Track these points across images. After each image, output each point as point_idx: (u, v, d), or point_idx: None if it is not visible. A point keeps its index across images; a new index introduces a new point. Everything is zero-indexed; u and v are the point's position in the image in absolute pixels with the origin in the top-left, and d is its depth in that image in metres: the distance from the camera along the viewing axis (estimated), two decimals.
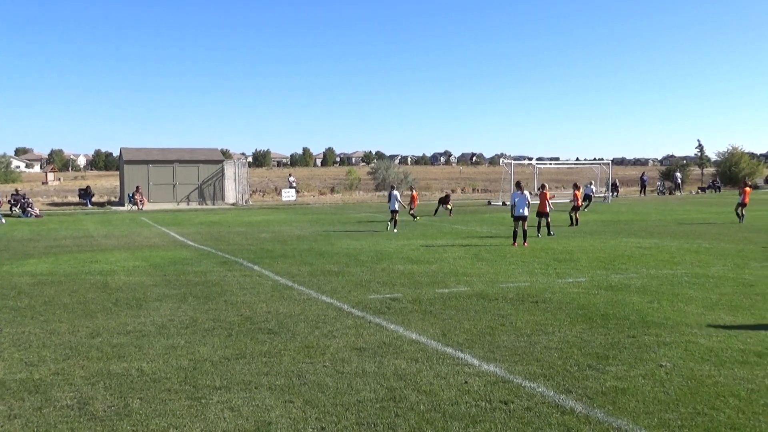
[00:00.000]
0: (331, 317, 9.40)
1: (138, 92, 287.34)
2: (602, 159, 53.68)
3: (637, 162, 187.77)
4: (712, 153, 74.96)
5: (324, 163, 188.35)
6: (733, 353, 7.43)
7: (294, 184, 50.19)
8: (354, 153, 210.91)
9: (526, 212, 17.95)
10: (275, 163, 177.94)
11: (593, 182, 41.95)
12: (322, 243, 18.80)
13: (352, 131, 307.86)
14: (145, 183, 40.68)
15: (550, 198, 21.03)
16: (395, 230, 22.44)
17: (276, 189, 54.21)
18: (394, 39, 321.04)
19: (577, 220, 24.62)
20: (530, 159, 54.35)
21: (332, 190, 55.75)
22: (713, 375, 6.68)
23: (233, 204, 42.26)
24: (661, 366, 6.98)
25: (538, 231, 20.30)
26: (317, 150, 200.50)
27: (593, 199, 37.04)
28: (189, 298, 10.85)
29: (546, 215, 20.34)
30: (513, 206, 18.23)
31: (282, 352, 7.63)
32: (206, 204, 41.77)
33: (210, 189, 42.46)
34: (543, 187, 20.96)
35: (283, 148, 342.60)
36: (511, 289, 11.48)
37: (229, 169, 43.92)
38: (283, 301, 10.54)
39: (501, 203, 40.37)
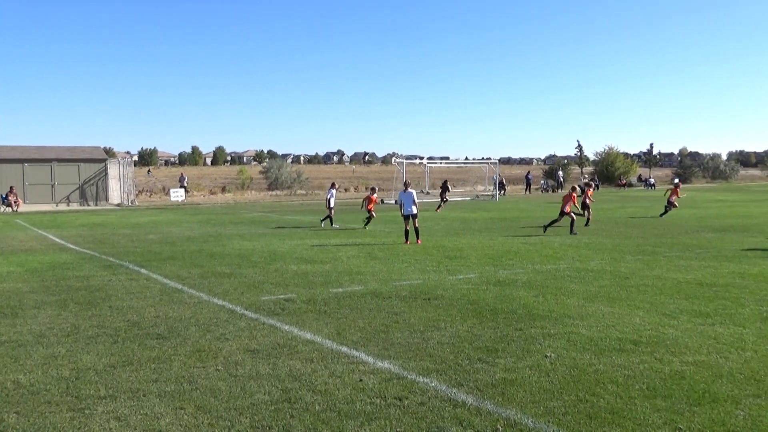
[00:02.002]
0: (224, 320, 9.20)
1: (13, 87, 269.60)
2: (490, 158, 55.50)
3: (522, 161, 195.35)
4: (590, 153, 79.13)
5: (214, 162, 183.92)
6: (612, 342, 7.88)
7: (185, 184, 48.74)
8: (245, 152, 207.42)
9: (414, 210, 18.28)
10: (162, 162, 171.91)
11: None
12: (213, 244, 18.36)
13: (244, 130, 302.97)
14: (20, 183, 38.27)
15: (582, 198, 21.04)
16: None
17: (164, 189, 52.41)
18: (284, 37, 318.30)
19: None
20: (421, 158, 55.41)
21: (223, 190, 54.51)
22: (594, 363, 7.05)
23: (118, 205, 40.49)
24: (546, 357, 7.30)
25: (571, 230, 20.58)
26: (207, 149, 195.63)
27: (480, 197, 38.28)
28: (70, 305, 10.30)
29: (567, 214, 20.83)
30: (401, 205, 18.57)
31: (172, 358, 7.39)
32: (88, 205, 39.79)
33: (92, 189, 40.49)
34: (573, 189, 21.66)
35: (171, 146, 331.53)
36: (404, 286, 11.65)
37: (113, 169, 42.06)
38: (173, 305, 10.21)
39: (394, 202, 40.88)
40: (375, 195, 24.08)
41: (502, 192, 49.66)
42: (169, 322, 9.10)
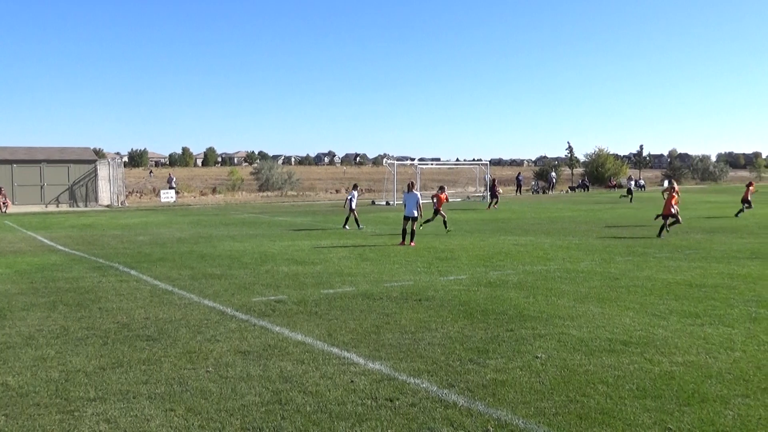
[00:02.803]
0: (214, 321, 9.17)
1: (2, 88, 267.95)
2: (481, 159, 55.60)
3: (513, 162, 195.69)
4: (581, 154, 79.45)
5: (205, 163, 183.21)
6: (602, 342, 7.91)
7: (174, 185, 48.55)
8: (236, 153, 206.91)
9: (415, 213, 18.17)
10: (153, 163, 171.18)
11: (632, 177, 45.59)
12: (204, 245, 18.31)
13: (234, 131, 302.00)
14: (9, 184, 38.01)
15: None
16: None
17: (154, 190, 52.21)
18: (275, 38, 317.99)
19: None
20: (412, 159, 55.39)
21: (214, 191, 54.37)
22: (584, 364, 7.08)
23: (108, 206, 40.30)
24: (537, 357, 7.32)
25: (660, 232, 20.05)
26: (197, 150, 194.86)
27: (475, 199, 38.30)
28: (59, 306, 10.24)
29: (669, 216, 20.00)
30: (404, 206, 18.47)
31: (162, 359, 7.36)
32: (78, 206, 39.59)
33: (82, 190, 40.29)
34: (673, 188, 20.74)
35: (161, 147, 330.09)
36: (396, 288, 11.65)
37: (103, 170, 41.87)
38: (163, 307, 10.17)
39: (385, 203, 40.89)
40: (444, 193, 22.90)
41: (495, 201, 47.42)
42: (160, 323, 9.07)
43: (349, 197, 23.93)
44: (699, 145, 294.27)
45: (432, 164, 57.66)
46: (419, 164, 49.63)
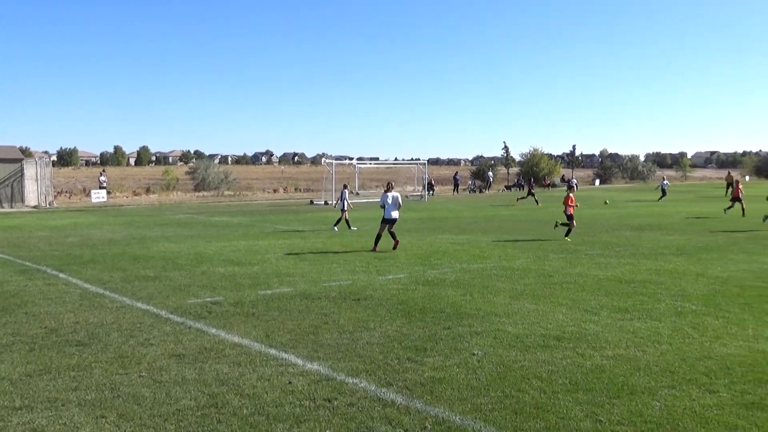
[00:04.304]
0: (148, 324, 8.95)
1: None
2: (419, 159, 56.02)
3: (450, 162, 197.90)
4: (516, 154, 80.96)
5: (138, 163, 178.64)
6: (536, 338, 8.09)
7: (105, 184, 47.15)
8: (171, 152, 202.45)
9: (396, 215, 17.10)
10: (83, 162, 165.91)
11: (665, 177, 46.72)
12: (137, 246, 17.84)
13: (169, 130, 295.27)
14: None
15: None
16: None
17: (84, 190, 50.56)
18: (209, 35, 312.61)
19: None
20: (351, 159, 55.38)
21: (148, 191, 53.03)
22: (519, 360, 7.22)
23: (35, 206, 38.83)
24: (474, 354, 7.42)
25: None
26: (130, 149, 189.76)
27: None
28: None
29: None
30: (383, 208, 17.18)
31: (93, 365, 7.14)
32: (3, 207, 38.01)
33: (7, 190, 38.68)
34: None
35: (92, 146, 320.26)
36: (334, 287, 11.63)
37: (30, 169, 40.32)
38: (94, 310, 9.86)
39: (323, 203, 40.74)
40: (572, 194, 20.36)
41: (431, 193, 50.22)
42: (90, 327, 8.79)
43: (341, 197, 23.17)
44: (628, 146, 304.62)
45: (371, 164, 57.81)
46: (358, 164, 49.69)
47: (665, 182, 45.43)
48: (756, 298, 10.52)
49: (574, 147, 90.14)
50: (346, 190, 23.21)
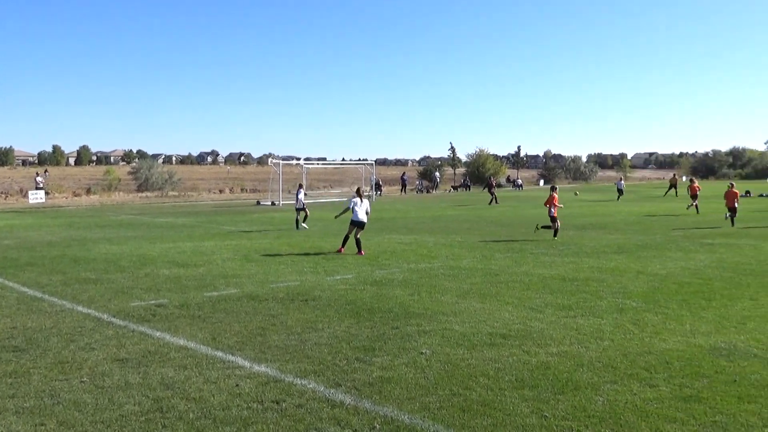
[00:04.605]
0: (89, 329, 8.71)
1: None
2: (366, 159, 56.10)
3: (398, 162, 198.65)
4: (463, 154, 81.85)
5: (78, 162, 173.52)
6: (483, 337, 8.19)
7: (42, 185, 45.69)
8: (113, 152, 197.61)
9: (365, 219, 16.83)
10: (20, 161, 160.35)
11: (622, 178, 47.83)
12: (77, 249, 17.35)
13: (110, 128, 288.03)
14: None
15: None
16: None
17: (21, 191, 48.88)
18: (153, 32, 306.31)
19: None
20: (298, 159, 55.05)
21: (88, 191, 51.61)
22: (466, 358, 7.30)
23: None
24: (422, 353, 7.47)
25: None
26: (70, 148, 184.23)
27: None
28: None
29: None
30: (352, 211, 16.81)
31: (31, 371, 6.90)
32: None
33: None
34: (732, 185, 21.18)
35: (30, 145, 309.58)
36: (282, 288, 11.54)
37: None
38: (32, 315, 9.54)
39: (270, 203, 40.39)
40: (556, 194, 20.49)
41: (379, 193, 50.43)
42: (28, 333, 8.50)
43: (300, 196, 23.71)
44: (571, 146, 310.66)
45: (318, 164, 57.59)
46: (305, 164, 49.42)
47: (621, 182, 47.10)
48: (693, 294, 10.88)
49: (519, 148, 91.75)
50: (302, 190, 23.92)
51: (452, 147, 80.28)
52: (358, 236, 16.73)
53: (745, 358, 7.25)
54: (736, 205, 23.95)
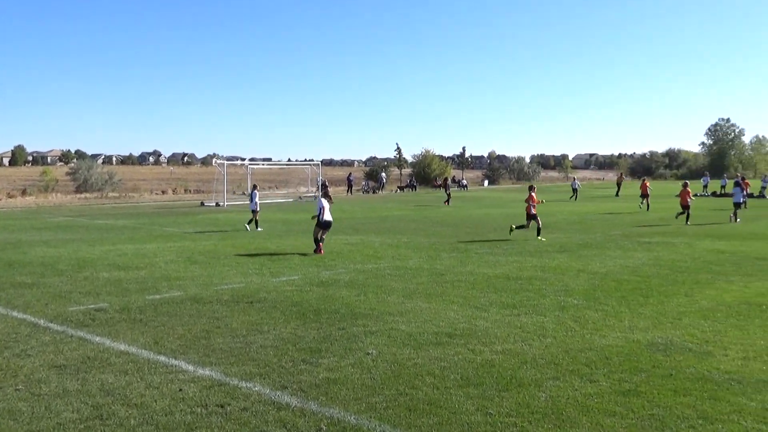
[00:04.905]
0: (25, 335, 8.42)
1: None
2: (312, 160, 55.85)
3: (344, 163, 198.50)
4: (408, 155, 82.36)
5: (13, 163, 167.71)
6: (429, 336, 8.25)
7: None
8: (50, 152, 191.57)
9: (331, 219, 16.97)
10: None
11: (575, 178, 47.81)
12: (12, 252, 16.75)
13: (47, 128, 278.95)
14: None
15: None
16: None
17: None
18: (91, 26, 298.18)
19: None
20: (243, 159, 54.42)
21: (24, 193, 49.89)
22: (413, 357, 7.34)
23: None
24: (368, 354, 7.48)
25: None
26: (3, 148, 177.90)
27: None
28: None
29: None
30: (321, 211, 16.86)
31: None
32: None
33: None
34: (686, 185, 21.36)
35: None
36: (226, 290, 11.39)
37: None
38: None
39: (215, 204, 39.81)
40: (534, 193, 20.44)
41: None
42: None
43: (255, 198, 23.40)
44: (515, 147, 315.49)
45: (263, 164, 57.03)
46: (250, 164, 48.89)
47: (576, 182, 48.24)
48: (631, 291, 11.20)
49: (464, 149, 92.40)
50: (256, 191, 23.66)
51: (398, 148, 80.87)
52: (323, 237, 16.93)
53: (681, 353, 7.50)
54: (689, 203, 25.09)
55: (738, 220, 25.52)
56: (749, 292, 11.03)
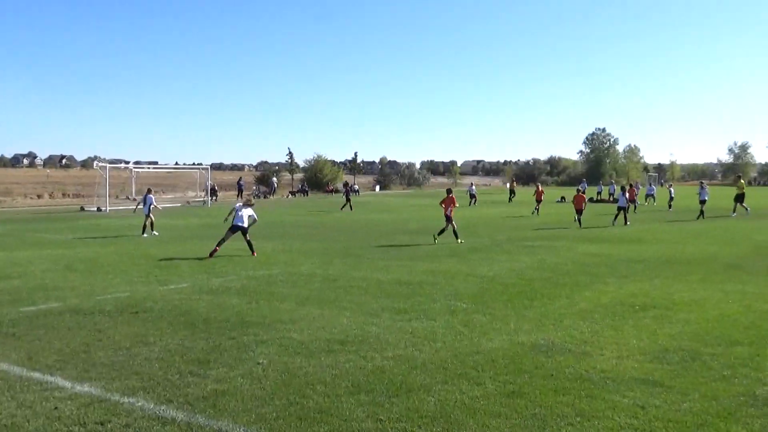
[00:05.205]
0: None
1: None
2: (201, 164, 54.46)
3: (234, 167, 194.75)
4: (300, 160, 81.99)
5: None
6: (321, 344, 8.22)
7: None
8: None
9: (244, 224, 17.14)
10: None
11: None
12: None
13: None
14: None
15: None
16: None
17: None
18: None
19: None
20: (127, 162, 52.24)
21: None
22: (304, 366, 7.28)
23: None
24: (259, 363, 7.36)
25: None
26: None
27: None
28: None
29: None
30: (233, 214, 17.37)
31: None
32: None
33: None
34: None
35: None
36: (109, 300, 10.88)
37: None
38: None
39: (96, 209, 37.99)
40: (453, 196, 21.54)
41: (215, 198, 49.17)
42: None
43: (149, 203, 22.54)
44: (405, 154, 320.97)
45: (149, 168, 55.07)
46: (135, 168, 47.05)
47: (473, 187, 49.49)
48: (517, 294, 11.63)
49: (356, 154, 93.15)
50: (151, 195, 22.95)
51: (290, 152, 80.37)
52: (249, 239, 17.19)
53: (561, 354, 7.86)
54: (583, 207, 27.96)
55: (627, 222, 27.71)
56: (623, 294, 11.72)
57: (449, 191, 22.04)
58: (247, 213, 17.47)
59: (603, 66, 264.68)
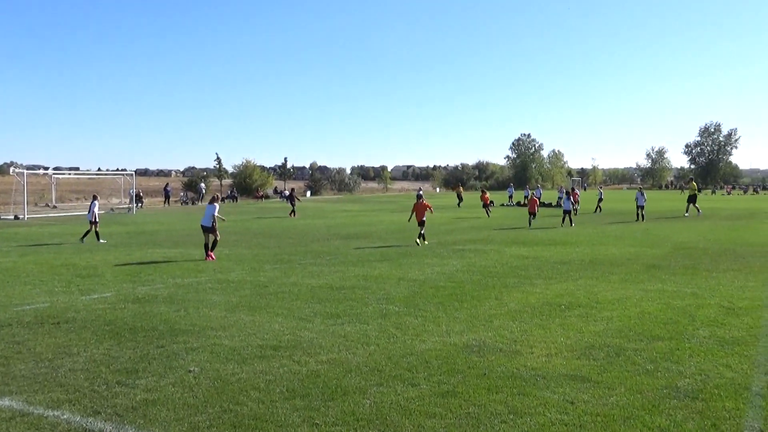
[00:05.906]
0: None
1: None
2: (125, 169, 52.92)
3: (160, 173, 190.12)
4: (229, 165, 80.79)
5: None
6: (253, 350, 8.11)
7: None
8: None
9: (205, 223, 17.67)
10: None
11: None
12: None
13: None
14: None
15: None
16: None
17: None
18: None
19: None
20: (46, 169, 50.23)
21: None
22: (237, 372, 7.18)
23: None
24: (190, 371, 7.20)
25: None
26: None
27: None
28: None
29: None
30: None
31: None
32: None
33: None
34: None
35: None
36: (28, 311, 10.44)
37: None
38: None
39: (13, 217, 36.36)
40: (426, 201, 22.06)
41: (140, 205, 47.90)
42: None
43: (94, 209, 22.22)
44: (336, 159, 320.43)
45: (70, 174, 53.09)
46: (55, 174, 45.29)
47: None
48: (448, 297, 11.78)
49: (285, 159, 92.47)
50: (96, 201, 22.76)
51: (218, 158, 79.05)
52: (216, 239, 17.58)
53: (493, 353, 8.01)
54: (536, 210, 30.99)
55: (573, 224, 29.17)
56: (550, 294, 12.04)
57: (420, 196, 22.85)
58: (210, 211, 17.76)
59: (528, 72, 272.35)
